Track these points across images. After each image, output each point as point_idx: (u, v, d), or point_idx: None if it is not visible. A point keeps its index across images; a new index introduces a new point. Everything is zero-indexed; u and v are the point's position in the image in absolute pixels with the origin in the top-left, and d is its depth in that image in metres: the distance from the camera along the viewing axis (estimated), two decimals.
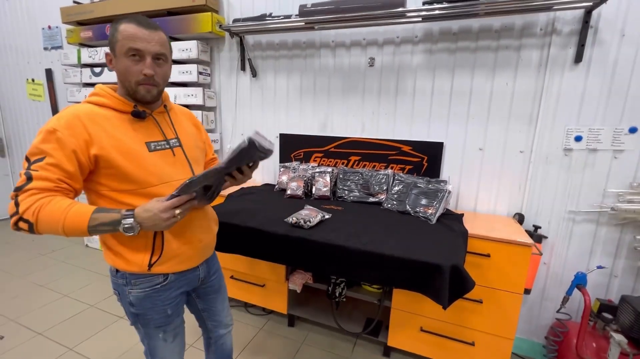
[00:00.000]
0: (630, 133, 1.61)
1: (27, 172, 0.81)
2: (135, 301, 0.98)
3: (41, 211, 0.79)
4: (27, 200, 0.79)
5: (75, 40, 2.78)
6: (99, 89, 0.93)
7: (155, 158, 0.95)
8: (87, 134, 0.84)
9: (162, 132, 0.99)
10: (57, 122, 0.83)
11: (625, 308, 1.53)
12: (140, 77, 0.89)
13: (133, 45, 0.87)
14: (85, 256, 3.01)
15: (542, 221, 1.83)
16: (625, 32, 1.55)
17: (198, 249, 1.06)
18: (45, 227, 0.80)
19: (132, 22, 0.88)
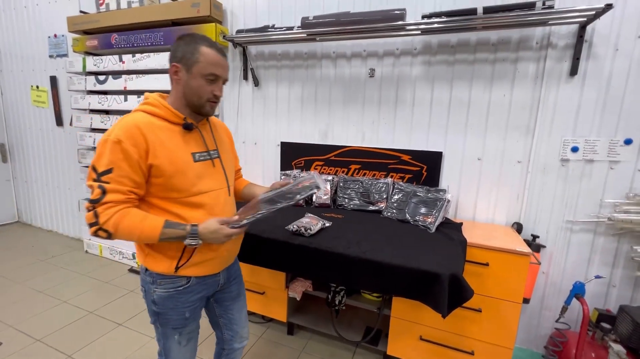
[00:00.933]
0: (626, 145, 1.64)
1: (100, 186, 0.88)
2: (158, 299, 1.03)
3: (120, 224, 0.88)
4: (106, 212, 0.87)
5: (81, 49, 2.83)
6: (153, 99, 0.99)
7: (199, 168, 1.02)
8: (146, 144, 0.91)
9: (205, 144, 1.06)
10: (121, 132, 0.89)
11: (624, 318, 1.54)
12: (210, 96, 0.99)
13: (214, 71, 0.97)
14: (85, 262, 3.01)
15: (540, 231, 1.85)
16: (618, 46, 1.60)
17: (223, 257, 1.12)
18: (122, 236, 0.90)
19: (213, 49, 0.97)
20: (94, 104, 2.86)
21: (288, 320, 2.04)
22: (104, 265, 2.96)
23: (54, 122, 3.39)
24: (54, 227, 3.74)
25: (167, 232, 0.92)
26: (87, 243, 3.19)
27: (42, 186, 3.68)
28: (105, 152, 0.88)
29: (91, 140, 2.94)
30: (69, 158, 3.39)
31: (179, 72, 0.98)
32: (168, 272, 1.01)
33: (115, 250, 3.01)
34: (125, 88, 2.68)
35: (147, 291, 1.06)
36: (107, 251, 3.07)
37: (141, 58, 2.57)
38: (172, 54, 0.99)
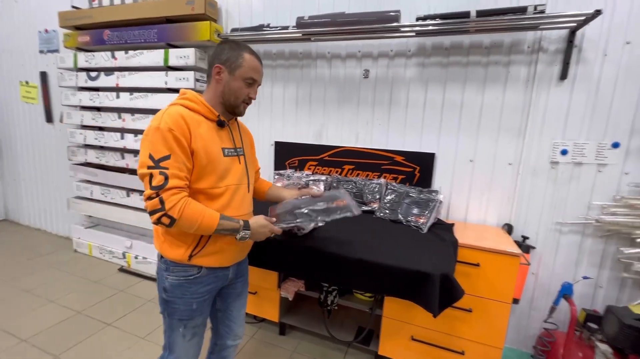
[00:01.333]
0: (614, 148, 1.68)
1: (161, 172, 0.92)
2: (169, 287, 1.08)
3: (184, 211, 0.94)
4: (171, 199, 0.92)
5: (73, 45, 2.79)
6: (191, 95, 1.06)
7: (227, 162, 1.09)
8: (189, 133, 0.97)
9: (234, 141, 1.15)
10: (170, 121, 0.94)
11: (610, 319, 1.57)
12: (246, 97, 1.10)
13: (253, 76, 1.08)
14: (73, 261, 2.96)
15: (530, 232, 1.87)
16: (607, 52, 1.63)
17: (235, 251, 1.15)
18: (184, 224, 0.95)
19: (254, 56, 1.09)
20: (85, 101, 2.81)
21: (280, 320, 2.03)
22: (94, 265, 2.92)
23: (44, 118, 3.33)
24: (42, 225, 3.67)
25: (224, 224, 1.00)
26: (76, 241, 3.14)
27: (31, 183, 3.61)
28: (159, 139, 0.93)
29: (82, 137, 2.90)
30: (58, 155, 3.33)
31: (221, 73, 1.07)
32: (182, 259, 1.05)
33: (105, 249, 2.97)
34: (118, 85, 2.65)
35: (160, 278, 1.11)
36: (97, 251, 3.03)
37: (134, 55, 2.54)
38: (215, 56, 1.08)
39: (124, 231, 3.10)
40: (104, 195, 2.93)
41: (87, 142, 2.89)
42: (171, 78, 2.43)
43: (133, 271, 2.81)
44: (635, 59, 1.60)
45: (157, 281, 1.13)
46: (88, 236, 3.10)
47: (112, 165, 2.84)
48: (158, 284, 1.12)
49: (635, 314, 1.52)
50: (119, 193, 2.86)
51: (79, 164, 3.05)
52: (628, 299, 1.73)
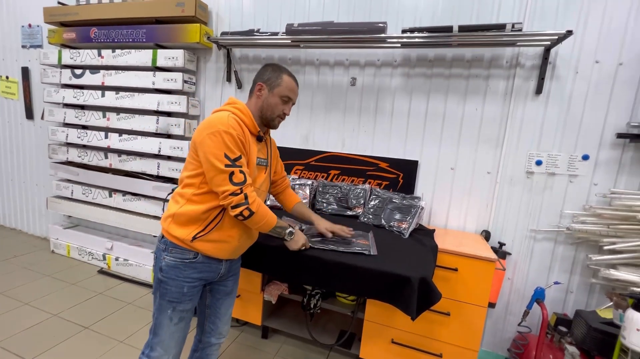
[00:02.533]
0: (584, 160, 1.77)
1: (241, 170, 1.07)
2: (165, 267, 1.13)
3: (260, 207, 1.11)
4: (252, 194, 1.09)
5: (57, 41, 2.74)
6: (243, 108, 1.18)
7: (258, 170, 1.24)
8: (243, 137, 1.12)
9: (268, 153, 1.32)
10: (230, 126, 1.07)
11: (579, 322, 1.65)
12: (281, 113, 1.24)
13: (290, 95, 1.24)
14: (50, 262, 2.87)
15: (506, 239, 1.95)
16: (578, 69, 1.74)
17: (233, 246, 1.21)
18: (256, 218, 1.11)
19: (292, 78, 1.25)
20: (69, 98, 2.76)
21: (263, 323, 2.03)
22: (72, 266, 2.84)
23: (24, 114, 3.24)
24: (18, 225, 3.54)
25: (280, 223, 1.22)
26: (53, 242, 3.05)
27: (7, 181, 3.48)
28: (227, 141, 1.06)
29: (64, 135, 2.83)
30: (38, 153, 3.24)
31: (262, 90, 1.22)
32: (185, 238, 1.11)
33: (85, 250, 2.90)
34: (103, 83, 2.62)
35: (157, 258, 1.17)
36: (76, 252, 2.95)
37: (121, 54, 2.52)
38: (259, 76, 1.25)
39: (104, 233, 3.04)
40: (85, 195, 2.87)
41: (69, 140, 2.82)
42: (159, 78, 2.42)
43: (113, 274, 2.75)
44: (603, 77, 1.70)
45: (154, 262, 1.19)
46: (67, 237, 3.01)
47: (94, 164, 2.79)
48: (155, 265, 1.18)
49: (602, 318, 1.60)
50: (101, 193, 2.80)
51: (59, 163, 2.98)
52: (596, 303, 1.83)
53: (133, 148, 2.58)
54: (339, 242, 1.48)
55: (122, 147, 2.61)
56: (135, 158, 2.61)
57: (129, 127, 2.57)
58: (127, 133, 2.62)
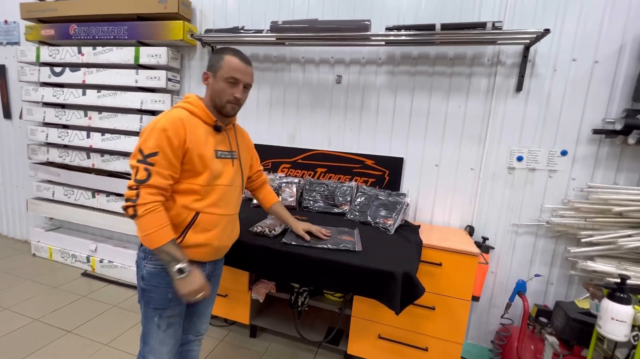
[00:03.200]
0: (562, 156, 1.82)
1: (146, 168, 0.98)
2: (146, 275, 1.10)
3: (149, 214, 0.97)
4: (146, 197, 0.97)
5: (35, 38, 2.66)
6: (194, 100, 1.13)
7: (219, 164, 1.15)
8: (185, 134, 1.04)
9: (229, 144, 1.22)
10: (167, 122, 1.01)
11: (558, 313, 1.70)
12: (231, 97, 1.13)
13: (234, 75, 1.11)
14: (31, 266, 2.80)
15: (489, 233, 1.99)
16: (556, 67, 1.78)
17: (213, 248, 1.17)
18: (142, 224, 0.98)
19: (236, 56, 1.12)
20: (48, 97, 2.68)
21: (251, 322, 2.03)
22: (54, 269, 2.77)
23: (1, 114, 3.13)
24: None
25: (168, 248, 1.00)
26: (35, 245, 2.96)
27: None
28: (152, 137, 1.00)
29: (43, 135, 2.75)
30: (17, 153, 3.14)
31: (208, 79, 1.15)
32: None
33: (68, 253, 2.83)
34: (84, 82, 2.55)
35: (138, 266, 1.13)
36: (58, 255, 2.87)
37: (103, 51, 2.46)
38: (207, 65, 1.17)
39: (88, 234, 2.97)
40: (67, 196, 2.80)
41: (50, 140, 2.75)
42: (142, 76, 2.37)
43: (97, 276, 2.70)
44: (580, 75, 1.75)
45: (136, 270, 1.15)
46: (48, 239, 2.94)
47: (76, 164, 2.72)
48: (137, 273, 1.15)
49: (580, 309, 1.65)
50: (84, 194, 2.74)
51: (39, 163, 2.89)
52: (575, 294, 1.88)
53: (116, 148, 2.52)
54: (322, 240, 1.49)
55: (105, 147, 2.56)
56: (118, 158, 2.56)
57: (112, 126, 2.51)
58: (110, 132, 2.56)
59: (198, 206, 1.10)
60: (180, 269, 1.00)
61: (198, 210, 1.09)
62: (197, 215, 1.09)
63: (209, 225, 1.13)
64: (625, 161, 1.74)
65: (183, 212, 1.08)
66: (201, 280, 1.05)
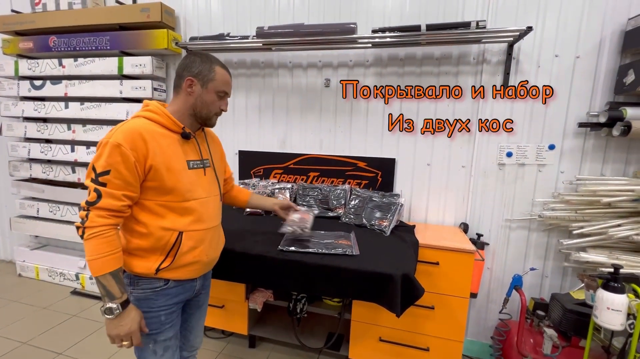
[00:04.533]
0: (550, 150, 1.86)
1: (96, 189, 0.91)
2: (134, 302, 1.02)
3: (94, 239, 0.90)
4: (95, 220, 0.91)
5: (13, 51, 2.58)
6: (155, 107, 1.04)
7: (193, 175, 1.07)
8: (145, 149, 0.95)
9: (200, 152, 1.13)
10: (121, 136, 0.92)
11: (555, 305, 1.72)
12: (218, 110, 1.11)
13: (225, 89, 1.10)
14: (18, 287, 2.69)
15: (483, 230, 2.01)
16: (540, 63, 1.82)
17: (203, 263, 1.13)
18: (86, 249, 0.92)
19: (225, 70, 1.11)
20: (29, 111, 2.61)
21: (249, 333, 1.99)
22: (42, 289, 2.67)
23: None
24: None
25: (107, 281, 0.92)
26: (20, 265, 2.86)
27: None
28: (105, 153, 0.92)
29: (25, 150, 2.67)
30: None
31: (193, 86, 1.06)
32: (148, 273, 1.02)
33: (55, 271, 2.74)
34: (67, 94, 2.49)
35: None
36: (45, 274, 2.78)
37: (85, 62, 2.41)
38: (185, 68, 1.07)
39: (76, 251, 2.88)
40: (53, 213, 2.71)
41: (32, 155, 2.66)
42: (126, 87, 2.33)
43: (88, 293, 2.62)
44: (563, 70, 1.79)
45: None
46: (34, 258, 2.84)
47: (61, 179, 2.64)
48: None
49: (575, 300, 1.67)
50: (70, 209, 2.66)
51: (22, 180, 2.80)
52: (570, 286, 1.91)
53: None
54: (319, 245, 1.47)
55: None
56: None
57: (97, 139, 2.45)
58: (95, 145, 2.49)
59: (179, 225, 1.02)
60: (109, 309, 0.92)
61: (180, 230, 1.02)
62: (180, 235, 1.02)
63: (195, 243, 1.06)
64: (611, 152, 1.78)
65: (164, 235, 1.00)
66: (130, 328, 0.95)
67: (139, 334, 0.98)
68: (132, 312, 0.97)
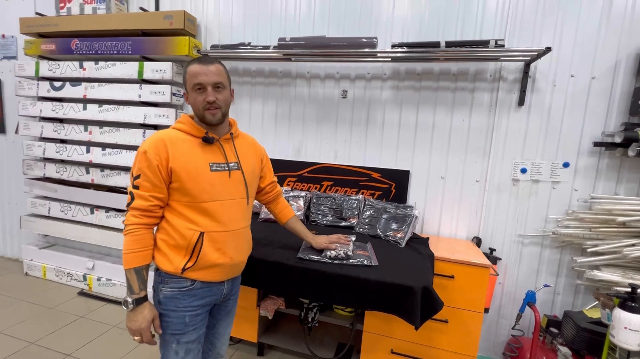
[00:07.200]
0: (564, 167, 1.88)
1: (131, 192, 1.04)
2: (163, 299, 1.09)
3: (127, 235, 1.03)
4: (130, 219, 1.03)
5: (35, 52, 2.63)
6: (183, 118, 1.14)
7: (214, 177, 1.11)
8: (166, 153, 1.04)
9: (225, 156, 1.16)
10: (148, 144, 1.04)
11: (568, 323, 1.71)
12: (204, 104, 1.08)
13: (196, 81, 1.07)
14: (25, 286, 2.69)
15: (496, 244, 2.01)
16: (556, 82, 1.85)
17: (228, 266, 1.15)
18: (123, 243, 1.03)
19: (195, 62, 1.09)
20: (47, 111, 2.64)
21: (259, 340, 1.98)
22: (48, 289, 2.67)
23: None
24: None
25: (130, 275, 1.02)
26: (27, 264, 2.86)
27: None
28: (137, 160, 1.04)
29: (40, 149, 2.70)
30: (10, 169, 3.05)
31: (185, 96, 1.14)
32: (175, 272, 1.07)
33: (63, 271, 2.73)
34: (85, 96, 2.52)
35: (155, 290, 1.12)
36: (52, 273, 2.77)
37: (105, 66, 2.45)
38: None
39: (85, 251, 2.88)
40: (64, 213, 2.72)
41: (47, 155, 2.69)
42: (145, 91, 2.36)
43: (95, 295, 2.61)
44: (579, 90, 1.82)
45: (153, 295, 1.13)
46: (42, 257, 2.83)
47: (74, 180, 2.66)
48: (153, 298, 1.13)
49: (589, 318, 1.67)
50: (82, 210, 2.67)
51: (35, 179, 2.82)
52: (582, 304, 1.91)
53: (117, 163, 2.48)
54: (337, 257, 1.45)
55: (106, 162, 2.51)
56: (119, 173, 2.51)
57: (113, 141, 2.48)
58: (111, 147, 2.52)
59: (200, 225, 1.07)
60: (125, 301, 1.02)
61: (202, 229, 1.07)
62: (202, 235, 1.07)
63: (216, 244, 1.10)
64: (625, 172, 1.80)
65: (187, 234, 1.06)
66: (140, 324, 1.01)
67: (149, 333, 1.04)
68: (146, 310, 1.03)
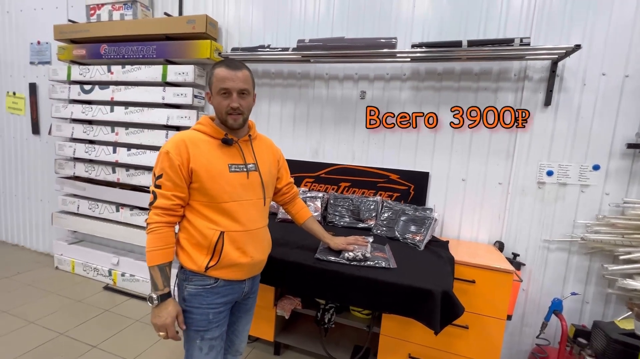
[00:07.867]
0: (594, 170, 1.79)
1: (153, 191, 1.07)
2: (187, 296, 1.12)
3: (150, 234, 1.06)
4: (153, 217, 1.06)
5: (67, 57, 2.77)
6: (203, 119, 1.17)
7: (233, 178, 1.13)
8: (187, 153, 1.06)
9: (243, 157, 1.18)
10: (169, 145, 1.07)
11: (598, 334, 1.63)
12: (228, 109, 1.10)
13: (223, 86, 1.09)
14: (55, 279, 2.82)
15: (520, 249, 1.94)
16: (585, 81, 1.77)
17: (248, 265, 1.17)
18: (146, 241, 1.07)
19: (223, 66, 1.10)
20: (77, 113, 2.77)
21: (275, 339, 1.99)
22: (77, 283, 2.79)
23: (30, 130, 3.24)
24: (20, 241, 3.49)
25: (154, 272, 1.05)
26: (57, 258, 3.00)
27: (11, 197, 3.46)
28: (159, 161, 1.07)
29: (71, 150, 2.83)
30: (43, 168, 3.22)
31: (209, 97, 1.16)
32: (199, 270, 1.10)
33: (90, 266, 2.86)
34: (113, 99, 2.63)
35: (180, 288, 1.15)
36: (80, 268, 2.90)
37: (131, 69, 2.55)
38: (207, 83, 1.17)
39: (110, 248, 3.00)
40: (92, 210, 2.85)
41: (77, 155, 2.82)
42: (169, 93, 2.44)
43: (119, 290, 2.71)
44: (610, 89, 1.74)
45: (178, 293, 1.16)
46: (71, 252, 2.97)
47: (101, 179, 2.78)
48: (178, 296, 1.16)
49: (621, 329, 1.58)
50: (108, 208, 2.78)
51: (66, 177, 2.96)
52: (613, 314, 1.81)
53: (141, 162, 2.58)
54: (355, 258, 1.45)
55: (131, 161, 2.61)
56: (143, 172, 2.61)
57: (138, 142, 2.57)
58: (136, 147, 2.62)
59: (220, 225, 1.10)
60: (150, 297, 1.05)
61: (222, 229, 1.09)
62: (222, 234, 1.09)
63: (236, 243, 1.12)
64: None
65: (208, 233, 1.08)
66: (165, 320, 1.04)
67: (173, 329, 1.07)
68: (170, 306, 1.06)
